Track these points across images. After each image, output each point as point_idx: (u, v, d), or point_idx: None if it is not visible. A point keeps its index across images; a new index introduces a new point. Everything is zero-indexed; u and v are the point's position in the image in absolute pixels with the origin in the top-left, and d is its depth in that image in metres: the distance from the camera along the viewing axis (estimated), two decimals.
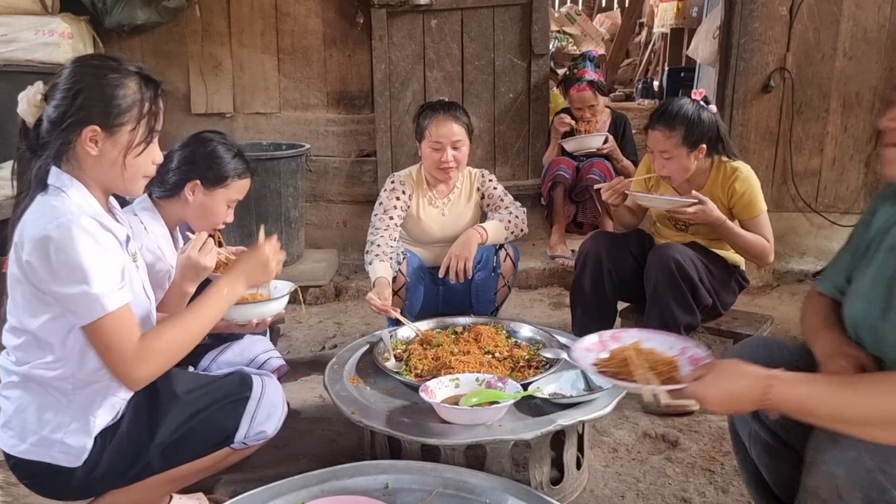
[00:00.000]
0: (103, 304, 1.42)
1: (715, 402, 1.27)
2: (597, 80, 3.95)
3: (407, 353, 2.25)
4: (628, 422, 2.43)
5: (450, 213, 2.83)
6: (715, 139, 2.57)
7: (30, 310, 1.49)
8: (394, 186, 2.78)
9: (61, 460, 1.55)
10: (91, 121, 1.48)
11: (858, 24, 3.75)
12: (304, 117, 4.23)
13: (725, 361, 1.32)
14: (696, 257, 2.51)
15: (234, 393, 1.72)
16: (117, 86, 1.50)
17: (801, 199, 3.98)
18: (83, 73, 1.50)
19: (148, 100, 1.54)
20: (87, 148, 1.49)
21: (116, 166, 1.53)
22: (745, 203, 2.56)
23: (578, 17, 8.58)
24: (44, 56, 3.65)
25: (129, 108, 1.51)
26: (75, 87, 1.48)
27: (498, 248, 2.73)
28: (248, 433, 1.71)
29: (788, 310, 3.51)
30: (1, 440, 1.59)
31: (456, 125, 2.66)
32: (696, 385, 1.30)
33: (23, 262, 1.44)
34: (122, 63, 1.54)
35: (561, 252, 3.95)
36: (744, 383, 1.24)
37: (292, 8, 4.09)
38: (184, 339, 1.55)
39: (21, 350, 1.53)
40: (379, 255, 2.59)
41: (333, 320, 3.50)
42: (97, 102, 1.48)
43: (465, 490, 1.56)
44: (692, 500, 1.99)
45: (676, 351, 1.56)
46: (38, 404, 1.54)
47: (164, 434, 1.62)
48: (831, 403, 1.15)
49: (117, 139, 1.51)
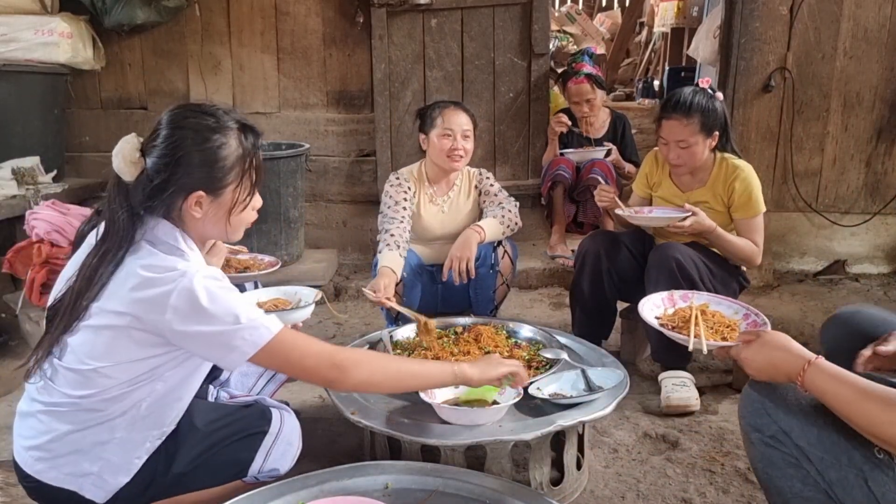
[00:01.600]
0: (268, 328, 1.45)
1: (754, 367, 1.38)
2: (594, 74, 3.95)
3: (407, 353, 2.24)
4: (629, 422, 2.43)
5: (450, 210, 2.85)
6: (723, 129, 2.57)
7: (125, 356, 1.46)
8: (399, 182, 2.80)
9: (88, 492, 1.53)
10: (196, 187, 1.47)
11: (859, 24, 3.75)
12: (304, 117, 4.23)
13: (774, 333, 1.41)
14: (696, 257, 2.51)
15: (252, 426, 1.69)
16: (219, 147, 1.48)
17: (802, 198, 3.98)
18: (184, 135, 1.47)
19: (249, 155, 1.52)
20: (192, 212, 1.49)
21: (221, 224, 1.54)
22: (744, 202, 2.56)
23: (579, 16, 8.57)
24: (43, 56, 3.65)
25: (231, 168, 1.50)
26: (178, 152, 1.45)
27: (496, 245, 2.73)
28: (262, 468, 1.68)
29: (789, 310, 3.50)
30: (25, 462, 1.54)
31: (465, 116, 2.74)
32: (742, 348, 1.40)
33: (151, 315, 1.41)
34: (221, 119, 1.51)
35: (561, 252, 3.94)
36: (785, 358, 1.33)
37: (292, 7, 4.09)
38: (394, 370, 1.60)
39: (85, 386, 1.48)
40: (390, 245, 2.58)
41: (333, 320, 3.49)
42: (201, 168, 1.47)
43: (465, 490, 1.55)
44: (692, 501, 1.99)
45: (740, 316, 1.73)
46: (84, 437, 1.50)
47: (180, 465, 1.61)
48: (847, 408, 1.24)
49: (222, 200, 1.52)
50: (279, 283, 2.24)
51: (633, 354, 2.87)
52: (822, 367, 1.29)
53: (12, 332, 3.21)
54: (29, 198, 3.37)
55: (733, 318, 1.72)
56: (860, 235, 4.00)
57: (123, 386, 1.48)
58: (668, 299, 1.80)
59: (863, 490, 1.27)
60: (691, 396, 2.45)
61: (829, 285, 3.88)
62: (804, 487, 1.36)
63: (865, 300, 3.64)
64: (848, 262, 4.02)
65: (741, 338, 1.45)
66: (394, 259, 2.53)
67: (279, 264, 2.35)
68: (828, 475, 1.32)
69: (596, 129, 4.04)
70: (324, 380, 1.54)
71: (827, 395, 1.27)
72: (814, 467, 1.34)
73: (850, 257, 4.03)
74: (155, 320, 1.41)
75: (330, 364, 1.50)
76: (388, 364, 1.62)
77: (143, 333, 1.44)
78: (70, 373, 1.48)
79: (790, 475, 1.38)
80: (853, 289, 3.82)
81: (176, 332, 1.42)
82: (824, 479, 1.33)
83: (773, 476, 1.41)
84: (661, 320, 1.70)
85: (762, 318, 1.70)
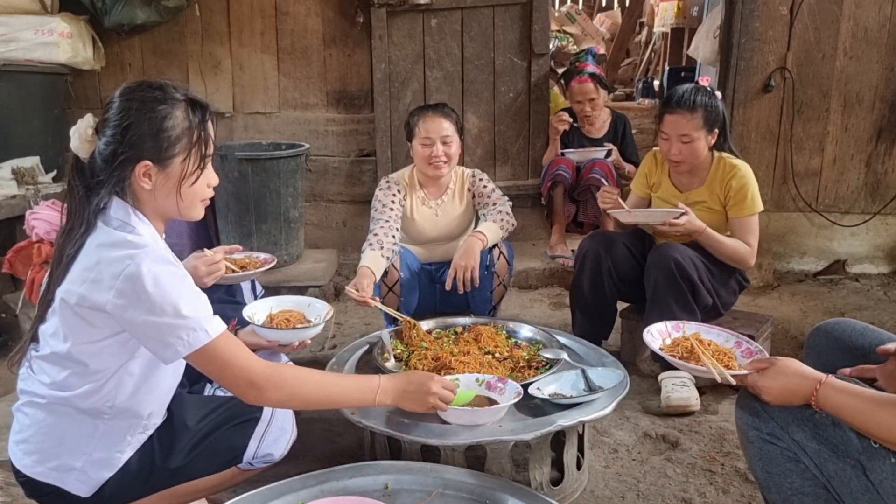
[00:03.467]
0: (206, 331, 1.44)
1: (772, 395, 1.42)
2: (598, 74, 3.95)
3: (407, 353, 2.24)
4: (629, 422, 2.43)
5: (443, 213, 2.86)
6: (722, 128, 2.58)
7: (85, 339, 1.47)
8: (389, 185, 2.81)
9: (74, 488, 1.54)
10: (143, 156, 1.47)
11: (859, 24, 3.75)
12: (304, 117, 4.23)
13: (785, 360, 1.46)
14: (696, 257, 2.51)
15: (244, 413, 1.71)
16: (165, 117, 1.49)
17: (802, 198, 3.98)
18: (130, 106, 1.48)
19: (196, 126, 1.53)
20: (141, 183, 1.49)
21: (172, 197, 1.53)
22: (739, 201, 2.56)
23: (579, 16, 8.57)
24: (43, 55, 3.65)
25: (178, 138, 1.50)
26: (124, 122, 1.46)
27: (491, 246, 2.73)
28: (256, 454, 1.70)
29: (789, 310, 3.50)
30: (15, 456, 1.57)
31: (445, 121, 2.71)
32: (758, 377, 1.45)
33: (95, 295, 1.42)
34: (168, 91, 1.52)
35: (561, 252, 3.94)
36: (800, 382, 1.38)
37: (292, 7, 4.09)
38: (315, 394, 1.58)
39: (58, 375, 1.51)
40: (372, 245, 2.58)
41: (333, 320, 3.49)
42: (147, 137, 1.47)
43: (465, 491, 1.55)
44: (692, 501, 1.99)
45: (732, 344, 1.78)
46: (65, 430, 1.52)
47: (177, 460, 1.63)
48: (862, 419, 1.29)
49: (170, 171, 1.51)
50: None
51: (633, 354, 2.87)
52: (832, 384, 1.34)
53: (12, 332, 3.22)
54: (29, 198, 3.37)
55: (725, 345, 1.78)
56: (860, 235, 4.00)
57: (93, 377, 1.49)
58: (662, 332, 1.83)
59: (861, 480, 1.30)
60: (691, 396, 2.45)
61: (829, 285, 3.88)
62: (803, 483, 1.39)
63: (865, 300, 3.64)
64: (848, 262, 4.02)
65: (754, 366, 1.49)
66: (374, 259, 2.53)
67: (275, 261, 2.34)
68: (825, 468, 1.35)
69: (597, 128, 4.04)
70: (241, 395, 1.51)
71: (841, 411, 1.32)
72: (811, 461, 1.37)
73: (850, 257, 4.03)
74: (101, 300, 1.42)
75: (248, 382, 1.49)
76: (309, 388, 1.57)
77: (93, 312, 1.44)
78: (44, 362, 1.52)
79: (789, 470, 1.40)
80: (853, 289, 3.82)
81: (117, 316, 1.43)
82: (822, 473, 1.36)
83: (772, 473, 1.43)
84: (667, 350, 1.74)
85: (755, 345, 1.75)
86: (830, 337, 1.65)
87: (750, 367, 1.51)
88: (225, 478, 1.70)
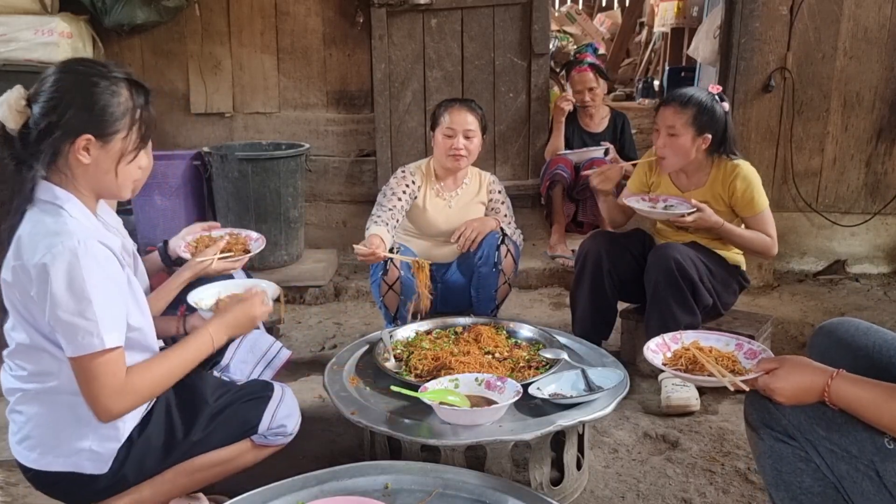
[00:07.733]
0: (102, 339, 1.43)
1: (786, 395, 1.38)
2: (598, 64, 3.99)
3: (407, 353, 2.24)
4: (629, 422, 2.43)
5: (456, 206, 2.86)
6: (721, 135, 2.57)
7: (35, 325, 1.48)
8: (404, 175, 2.83)
9: (88, 468, 1.56)
10: (85, 130, 1.47)
11: (859, 24, 3.75)
12: (304, 117, 4.23)
13: (794, 358, 1.43)
14: (696, 257, 2.51)
15: (257, 392, 1.78)
16: (111, 94, 1.49)
17: (802, 198, 3.98)
18: (73, 80, 1.48)
19: (139, 107, 1.54)
20: (79, 157, 1.48)
21: (109, 174, 1.53)
22: (747, 201, 2.56)
23: (579, 16, 8.58)
24: (43, 55, 3.64)
25: (122, 115, 1.50)
26: (66, 95, 1.46)
27: (499, 244, 2.73)
28: (271, 425, 1.74)
29: (789, 310, 3.50)
30: (20, 455, 1.58)
31: (471, 115, 2.75)
32: (768, 377, 1.42)
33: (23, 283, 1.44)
34: (111, 70, 1.52)
35: (561, 252, 3.94)
36: (812, 379, 1.36)
37: (292, 7, 4.08)
38: (165, 380, 1.60)
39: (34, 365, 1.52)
40: (377, 222, 2.60)
41: (333, 320, 3.49)
42: (90, 111, 1.47)
43: (465, 491, 1.55)
44: (693, 501, 1.99)
45: (733, 347, 1.74)
46: (60, 416, 1.54)
47: (196, 433, 1.67)
48: (876, 411, 1.28)
49: (110, 148, 1.51)
50: (279, 282, 2.21)
51: (633, 354, 2.87)
52: (844, 377, 1.33)
53: None
54: None
55: (726, 349, 1.74)
56: (860, 235, 4.00)
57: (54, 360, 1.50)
58: (662, 346, 1.79)
59: (873, 481, 1.29)
60: (691, 396, 2.45)
61: (829, 285, 3.87)
62: (813, 482, 1.38)
63: (865, 300, 3.63)
64: (848, 262, 4.02)
65: (762, 367, 1.47)
66: (382, 231, 2.55)
67: (264, 242, 2.24)
68: (837, 469, 1.33)
69: (596, 122, 4.08)
70: (95, 412, 1.49)
71: (853, 404, 1.30)
72: (823, 461, 1.36)
73: (850, 257, 4.02)
74: (28, 287, 1.44)
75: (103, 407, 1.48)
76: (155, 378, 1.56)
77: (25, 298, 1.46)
78: (16, 357, 1.55)
79: (800, 469, 1.39)
80: (853, 289, 3.82)
81: (40, 304, 1.43)
82: (833, 473, 1.35)
83: (782, 471, 1.42)
84: (670, 365, 1.70)
85: (756, 344, 1.71)
86: (833, 337, 1.63)
87: (758, 369, 1.48)
88: (238, 451, 1.73)
